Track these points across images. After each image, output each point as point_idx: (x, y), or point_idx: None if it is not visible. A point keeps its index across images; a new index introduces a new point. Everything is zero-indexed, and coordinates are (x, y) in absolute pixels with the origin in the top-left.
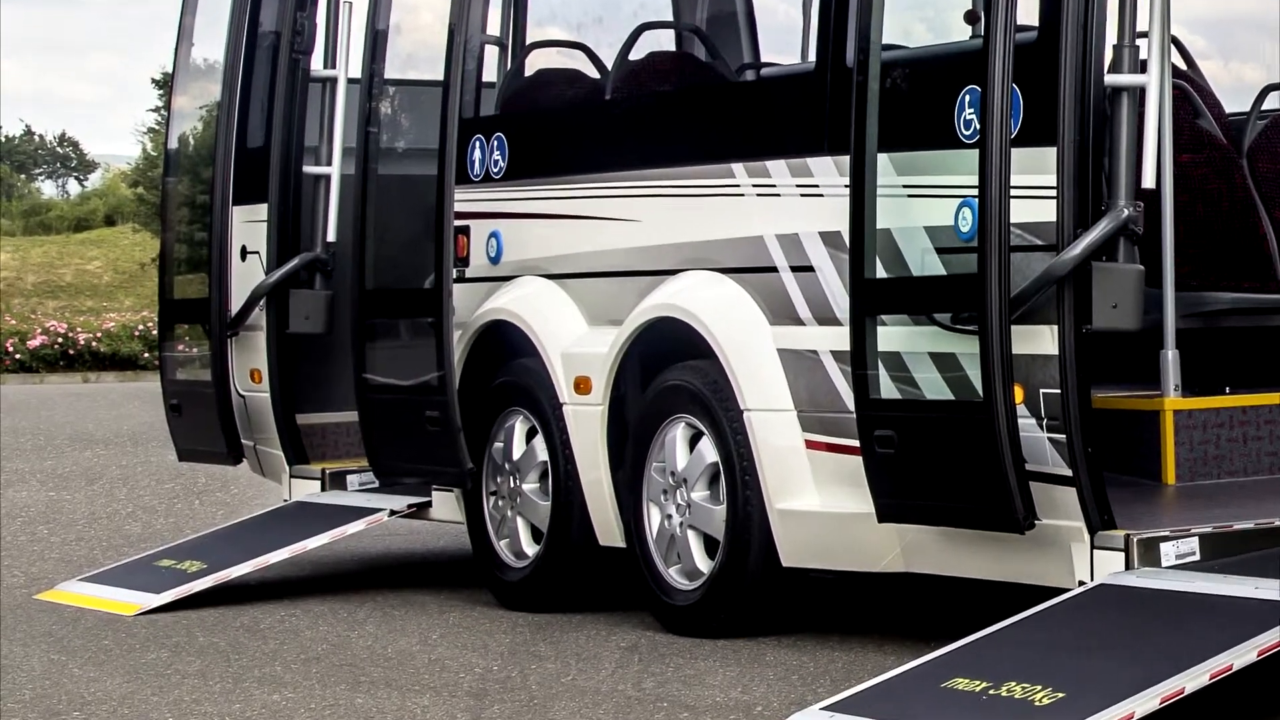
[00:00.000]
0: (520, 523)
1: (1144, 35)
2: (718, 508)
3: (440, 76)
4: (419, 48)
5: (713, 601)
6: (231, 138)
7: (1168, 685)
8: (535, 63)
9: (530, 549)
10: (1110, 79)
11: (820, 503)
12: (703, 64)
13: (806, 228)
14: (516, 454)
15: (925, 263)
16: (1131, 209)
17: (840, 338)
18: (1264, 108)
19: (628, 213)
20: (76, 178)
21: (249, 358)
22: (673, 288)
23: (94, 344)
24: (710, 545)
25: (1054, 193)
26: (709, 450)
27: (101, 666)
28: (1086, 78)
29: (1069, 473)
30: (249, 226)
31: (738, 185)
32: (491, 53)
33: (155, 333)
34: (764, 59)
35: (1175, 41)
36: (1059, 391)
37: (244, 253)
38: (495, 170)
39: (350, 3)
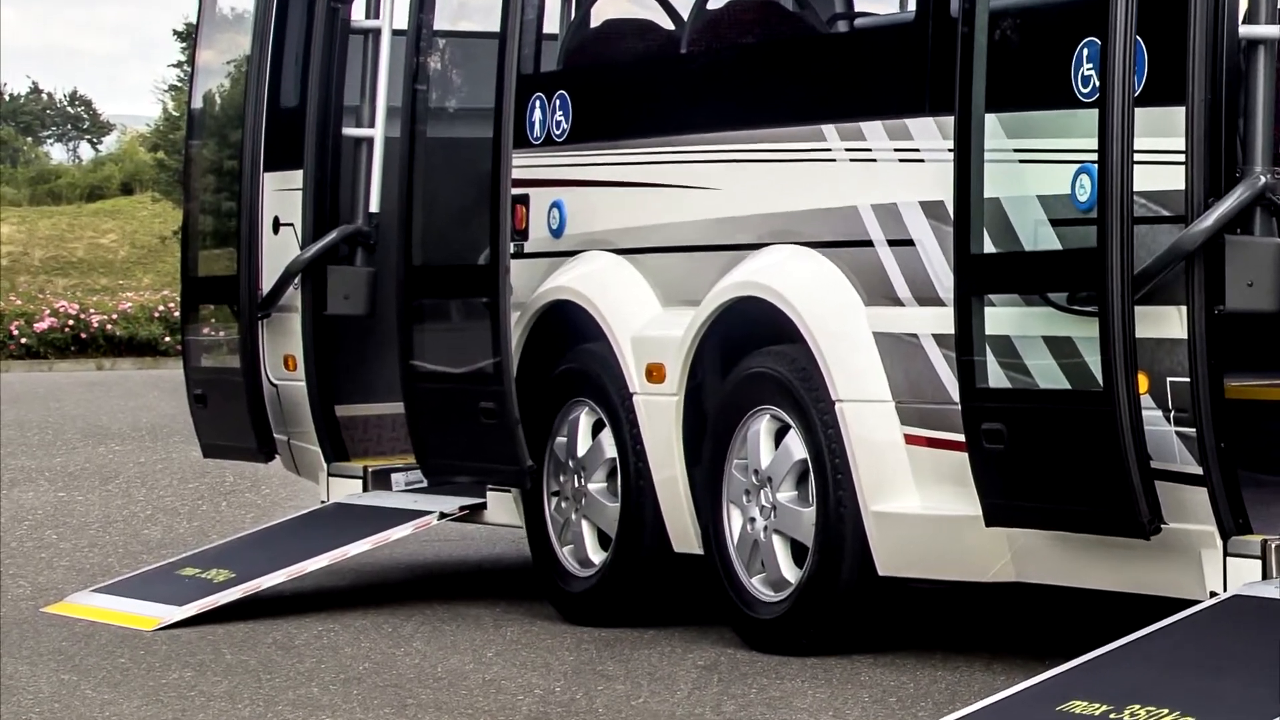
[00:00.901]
0: (585, 527)
1: None
2: (806, 510)
3: (496, 28)
4: None
5: (801, 615)
6: (263, 96)
7: None
8: (602, 12)
9: (597, 556)
10: (1245, 30)
11: (921, 504)
12: (790, 13)
13: (905, 197)
14: (581, 450)
15: (1038, 236)
16: (1269, 176)
17: (943, 320)
18: None
19: (706, 180)
20: (89, 141)
21: (282, 342)
22: (756, 264)
23: (108, 327)
24: (798, 552)
25: (1182, 158)
26: (797, 446)
27: (117, 688)
28: (1219, 29)
29: (1199, 471)
30: (282, 195)
31: (829, 149)
32: (553, 1)
33: (177, 314)
34: (858, 8)
35: None
36: (1188, 380)
37: (276, 225)
38: (557, 132)
39: None
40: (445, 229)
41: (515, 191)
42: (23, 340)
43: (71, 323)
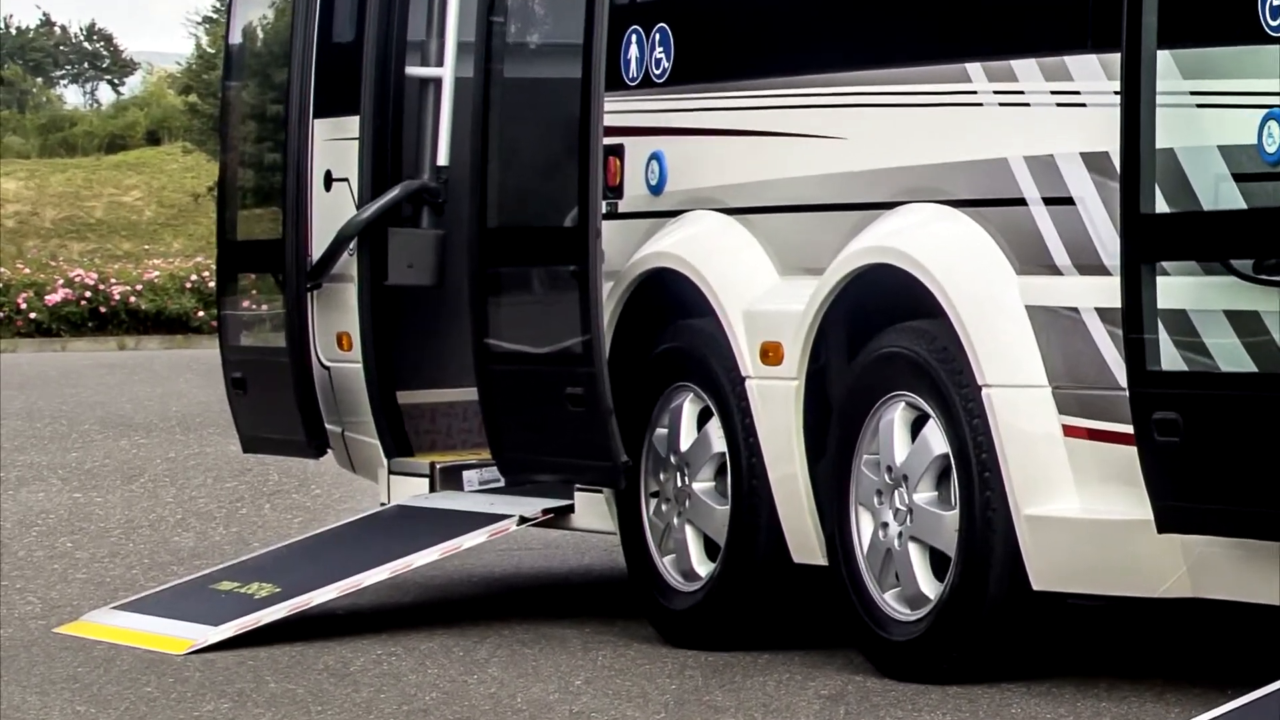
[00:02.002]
0: (690, 533)
1: None
2: (948, 514)
3: None
4: None
5: (941, 636)
6: (313, 30)
7: None
8: None
9: (703, 568)
10: None
11: (1081, 507)
12: None
13: (1064, 147)
14: (685, 443)
15: (1220, 193)
16: None
17: (1108, 291)
18: None
19: (830, 128)
20: (110, 82)
21: (335, 318)
22: (889, 226)
23: (132, 300)
24: (938, 563)
25: None
26: (937, 439)
27: None
28: None
29: None
30: (335, 146)
31: (974, 92)
32: None
33: (212, 285)
34: None
35: None
36: None
37: (328, 180)
38: (657, 72)
39: None
40: (525, 185)
41: (608, 141)
42: (32, 315)
43: (89, 295)
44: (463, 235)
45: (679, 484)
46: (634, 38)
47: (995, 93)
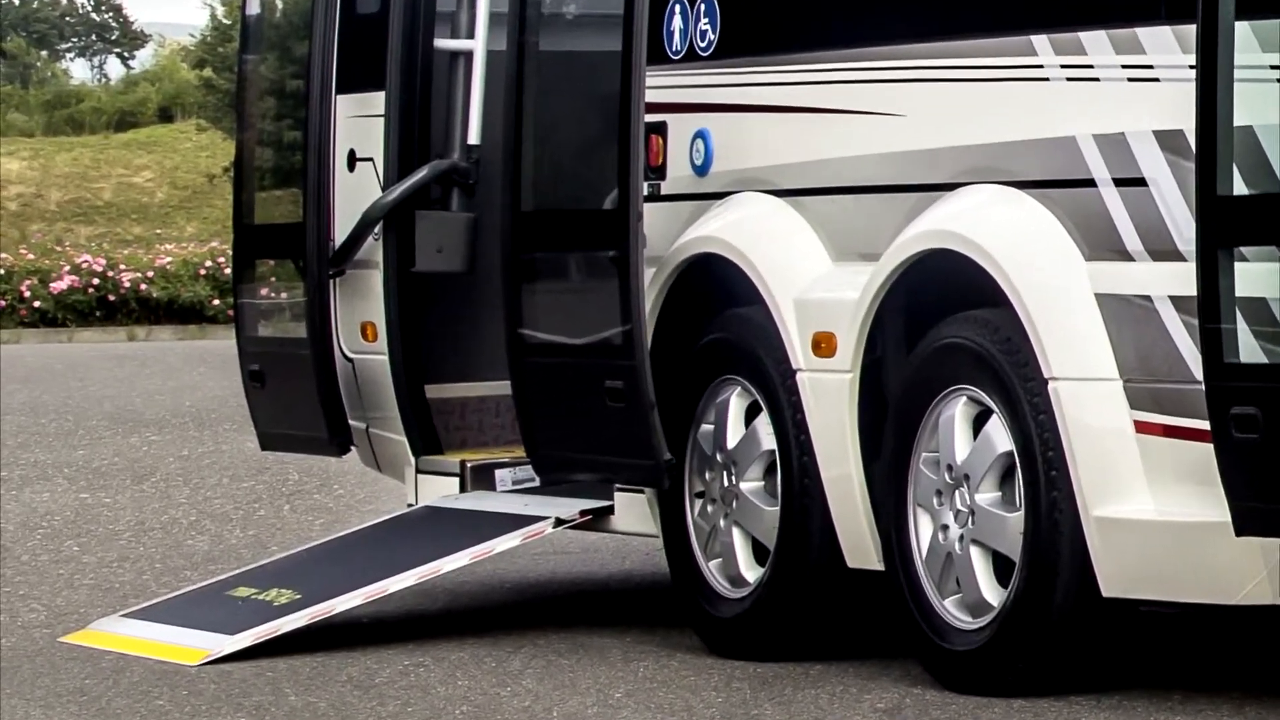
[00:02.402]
0: (737, 536)
1: None
2: (1012, 515)
3: None
4: None
5: (1005, 645)
6: (335, 0)
7: None
8: None
9: (751, 573)
10: None
11: (1155, 508)
12: None
13: (1135, 125)
14: (732, 440)
15: None
16: None
17: (1183, 278)
18: None
19: (887, 104)
20: (119, 56)
21: (359, 306)
22: (950, 209)
23: (143, 287)
24: (1002, 567)
25: None
26: (1000, 435)
27: None
28: None
29: None
30: (359, 123)
31: (1040, 66)
32: None
33: (228, 272)
34: None
35: None
36: None
37: (352, 160)
38: (702, 45)
39: None
40: (562, 165)
41: (650, 118)
42: (36, 304)
43: (97, 282)
44: (495, 218)
45: (725, 484)
46: (678, 8)
47: (1062, 66)
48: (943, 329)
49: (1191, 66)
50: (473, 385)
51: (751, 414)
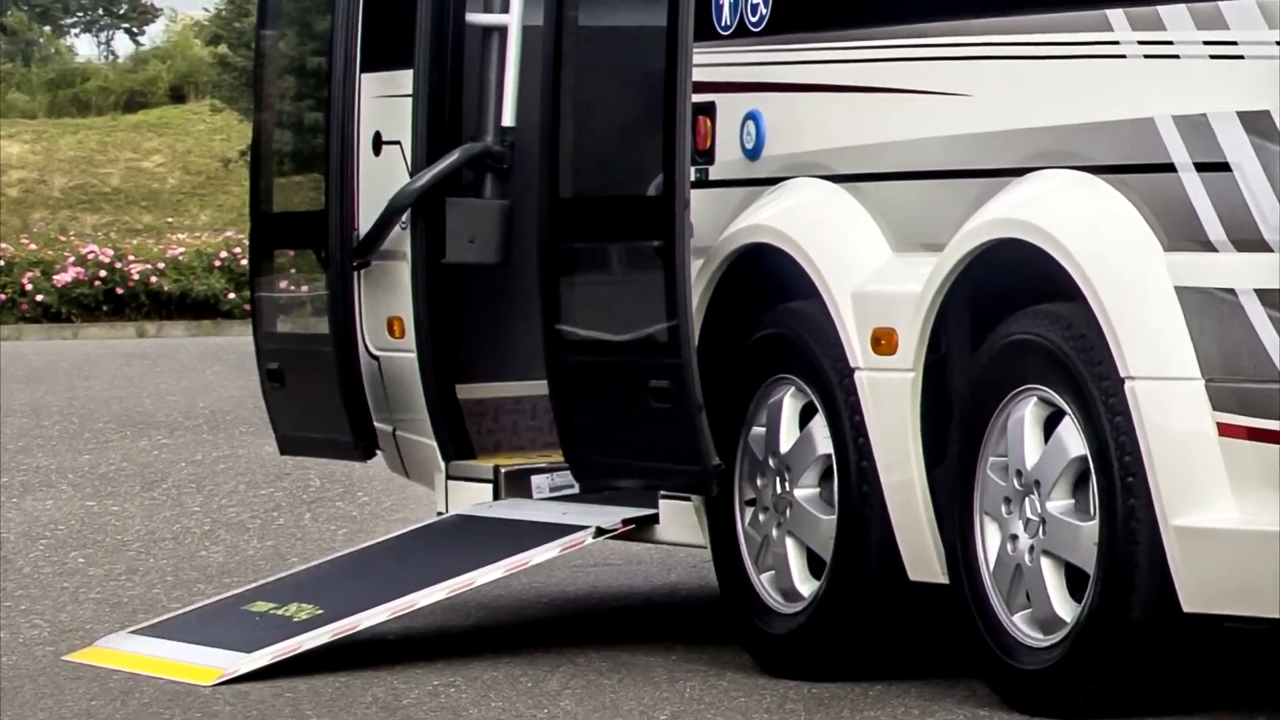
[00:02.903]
0: (791, 546)
1: None
2: (1086, 524)
3: None
4: None
5: (1078, 664)
6: None
7: None
8: None
9: (805, 586)
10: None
11: (1239, 517)
12: None
13: (1219, 106)
14: (785, 444)
15: None
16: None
17: (1269, 270)
18: None
19: (952, 84)
20: (128, 31)
21: (386, 300)
22: (1019, 195)
23: (153, 280)
24: (1075, 580)
25: None
26: (1073, 439)
27: None
28: None
29: None
30: (385, 104)
31: (1116, 42)
32: None
33: (244, 263)
34: None
35: None
36: None
37: (378, 143)
38: (753, 19)
39: None
40: (603, 149)
41: (697, 99)
42: (39, 297)
43: (104, 274)
44: (531, 206)
45: (778, 490)
46: None
47: (1140, 43)
48: (1011, 324)
49: (1279, 43)
50: (507, 385)
51: (806, 416)
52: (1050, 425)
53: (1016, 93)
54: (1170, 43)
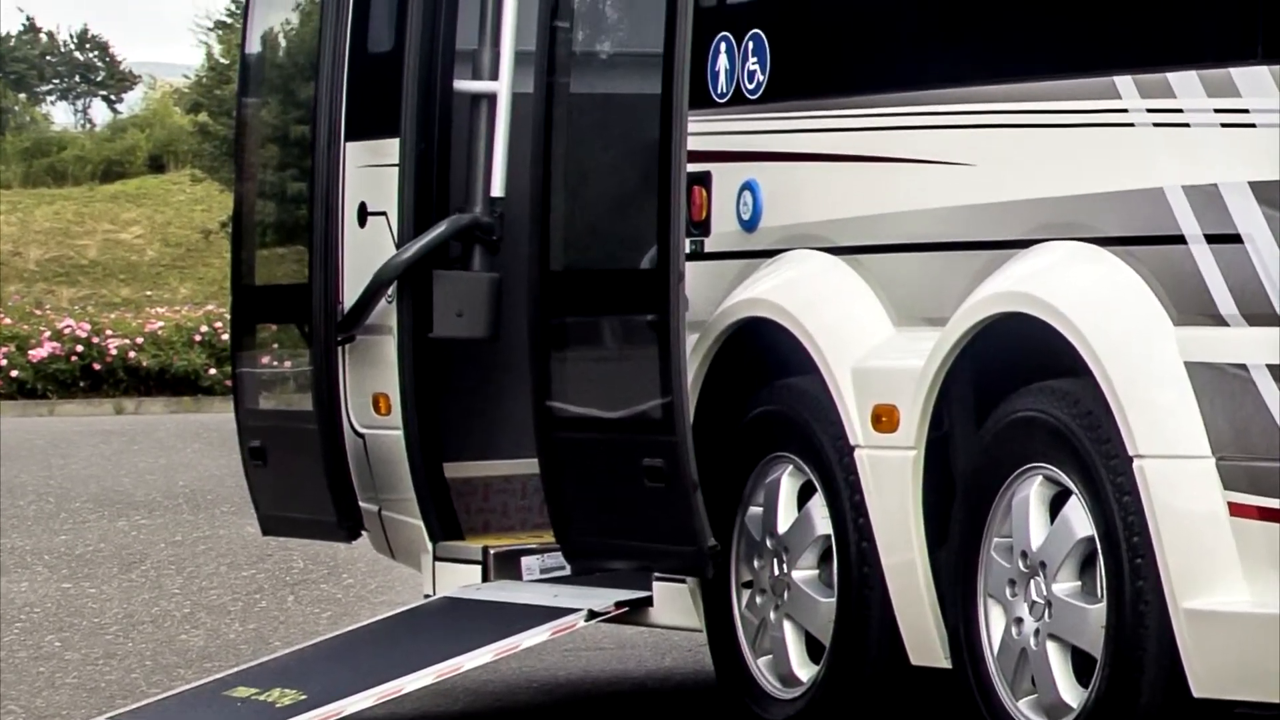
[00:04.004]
0: (789, 630)
1: None
2: (1093, 607)
3: None
4: None
5: None
6: (344, 37)
7: None
8: None
9: (804, 671)
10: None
11: (1251, 600)
12: None
13: (1231, 176)
14: (783, 524)
15: None
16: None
17: None
18: None
19: (955, 152)
20: (105, 99)
21: (371, 376)
22: (1024, 268)
23: (131, 355)
24: (1082, 664)
25: None
26: (1080, 519)
27: None
28: None
29: None
30: (371, 174)
31: (1124, 110)
32: None
33: (226, 338)
34: None
35: None
36: None
37: (363, 214)
38: (750, 86)
39: None
40: (595, 220)
41: (693, 168)
42: (14, 373)
43: (81, 349)
44: (521, 279)
45: (776, 572)
46: (723, 46)
47: (1149, 111)
48: (1016, 401)
49: None
50: (496, 464)
51: (805, 495)
52: (1056, 505)
53: (1022, 162)
54: (1180, 110)
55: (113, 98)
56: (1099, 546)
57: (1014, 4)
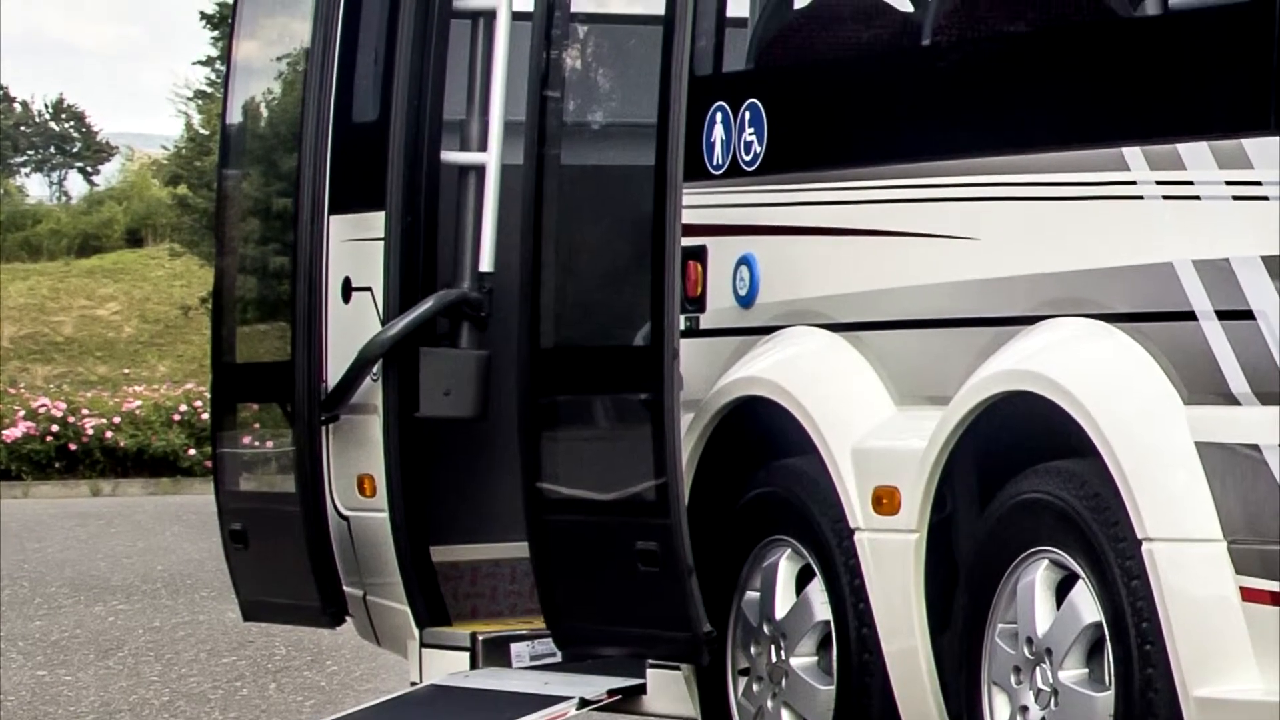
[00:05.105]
0: (787, 718)
1: None
2: (1101, 695)
3: (660, 9)
4: None
5: None
6: (328, 107)
7: None
8: None
9: None
10: None
11: (1264, 688)
12: None
13: (1242, 250)
14: (781, 610)
15: None
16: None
17: None
18: None
19: (958, 226)
20: (82, 171)
21: (356, 457)
22: (1030, 345)
23: (108, 435)
24: None
25: None
26: (1087, 604)
27: None
28: None
29: None
30: (355, 248)
31: (1133, 182)
32: None
33: (206, 417)
34: None
35: None
36: None
37: (347, 289)
38: (747, 158)
39: None
40: (587, 296)
41: (688, 242)
42: None
43: (56, 429)
44: (510, 356)
45: (774, 659)
46: (719, 116)
47: (1158, 183)
48: (1021, 483)
49: None
50: (485, 547)
51: (803, 579)
52: (1063, 590)
53: (1027, 236)
54: (1190, 183)
55: (89, 169)
56: (1107, 632)
57: (1018, 72)
